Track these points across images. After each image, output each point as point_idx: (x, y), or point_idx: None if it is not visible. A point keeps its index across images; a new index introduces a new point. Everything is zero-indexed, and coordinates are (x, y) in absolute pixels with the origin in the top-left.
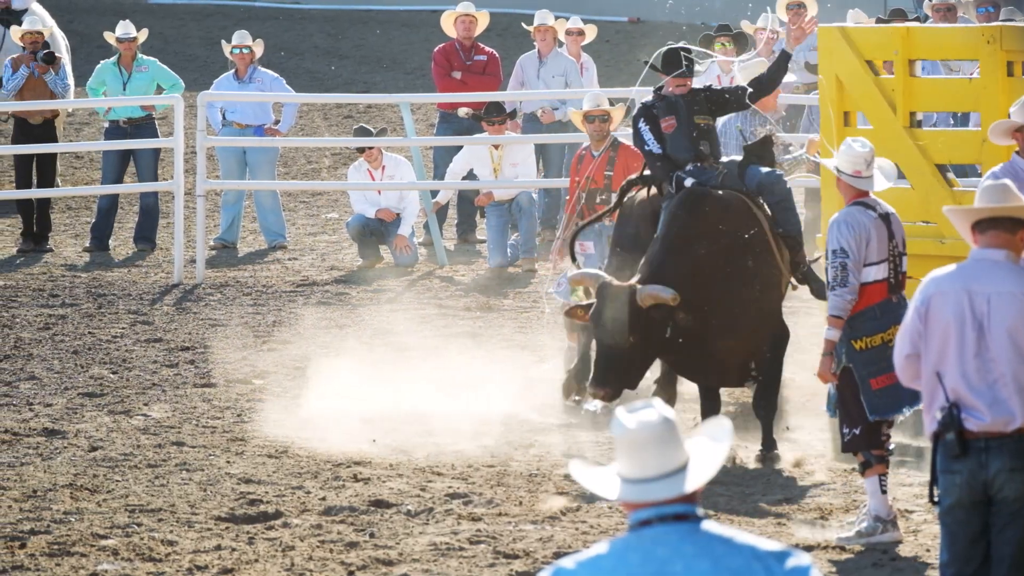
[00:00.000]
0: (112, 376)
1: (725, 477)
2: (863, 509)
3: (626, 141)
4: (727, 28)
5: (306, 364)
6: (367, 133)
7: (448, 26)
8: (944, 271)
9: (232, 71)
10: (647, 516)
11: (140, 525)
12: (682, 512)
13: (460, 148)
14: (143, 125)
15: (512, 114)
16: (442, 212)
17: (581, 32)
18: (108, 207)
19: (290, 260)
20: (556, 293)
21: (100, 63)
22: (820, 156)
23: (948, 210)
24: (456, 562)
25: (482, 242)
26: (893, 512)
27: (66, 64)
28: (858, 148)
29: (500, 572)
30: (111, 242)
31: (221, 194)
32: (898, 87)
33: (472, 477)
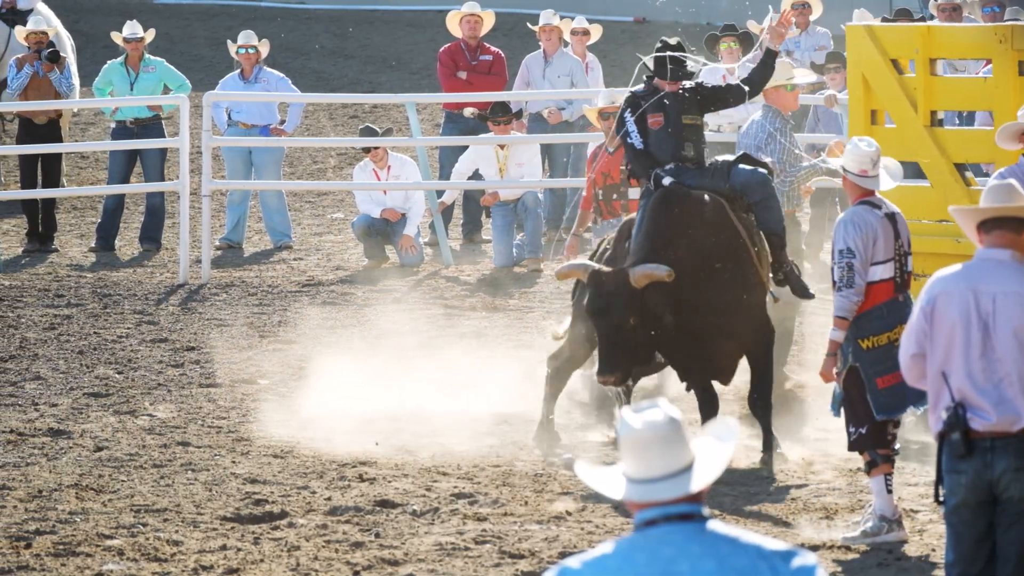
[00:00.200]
0: (117, 376)
1: (730, 477)
2: (868, 509)
3: None
4: (733, 28)
5: (311, 364)
6: (373, 133)
7: (454, 26)
8: (950, 271)
9: (238, 71)
10: (653, 516)
11: (145, 525)
12: (688, 512)
13: (466, 148)
14: (150, 126)
15: (518, 114)
16: (448, 212)
17: (586, 32)
18: (114, 207)
19: (295, 260)
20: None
21: (107, 63)
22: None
23: (953, 210)
24: (461, 562)
25: (488, 242)
26: (898, 512)
27: (71, 64)
28: (864, 147)
29: (505, 572)
30: (116, 242)
31: (227, 194)
32: (919, 86)
33: (478, 477)
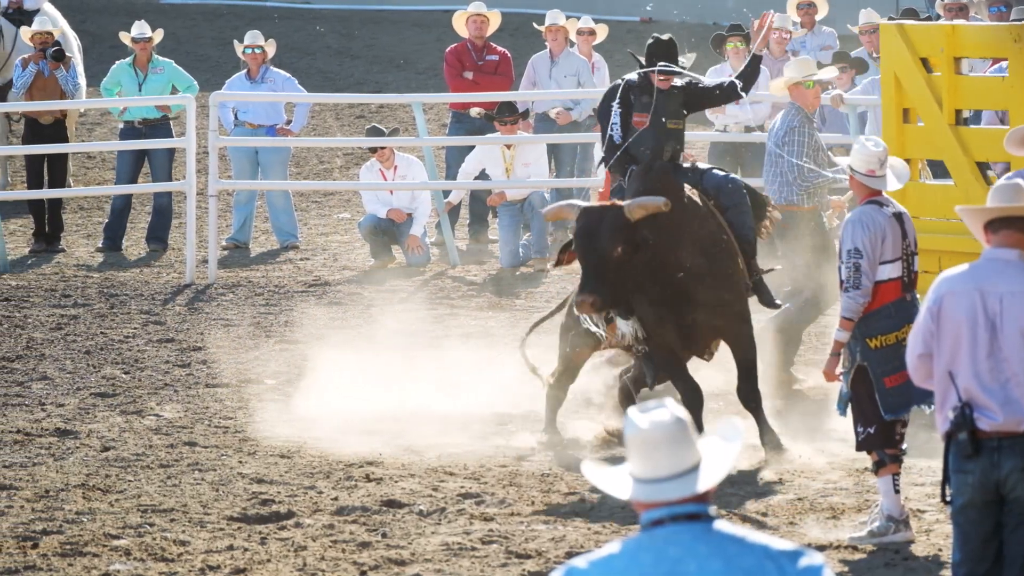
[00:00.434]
0: (124, 376)
1: (737, 476)
2: (875, 508)
3: None
4: (739, 28)
5: (318, 364)
6: (379, 133)
7: (460, 26)
8: (956, 271)
9: (244, 71)
10: (659, 516)
11: (152, 525)
12: (694, 512)
13: (472, 148)
14: (158, 126)
15: (524, 114)
16: (454, 212)
17: (592, 32)
18: (122, 207)
19: (302, 260)
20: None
21: (116, 63)
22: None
23: (960, 209)
24: (468, 562)
25: (494, 242)
26: (905, 512)
27: (77, 64)
28: (872, 147)
29: (512, 572)
30: (123, 242)
31: (233, 194)
32: (943, 85)
33: (484, 477)
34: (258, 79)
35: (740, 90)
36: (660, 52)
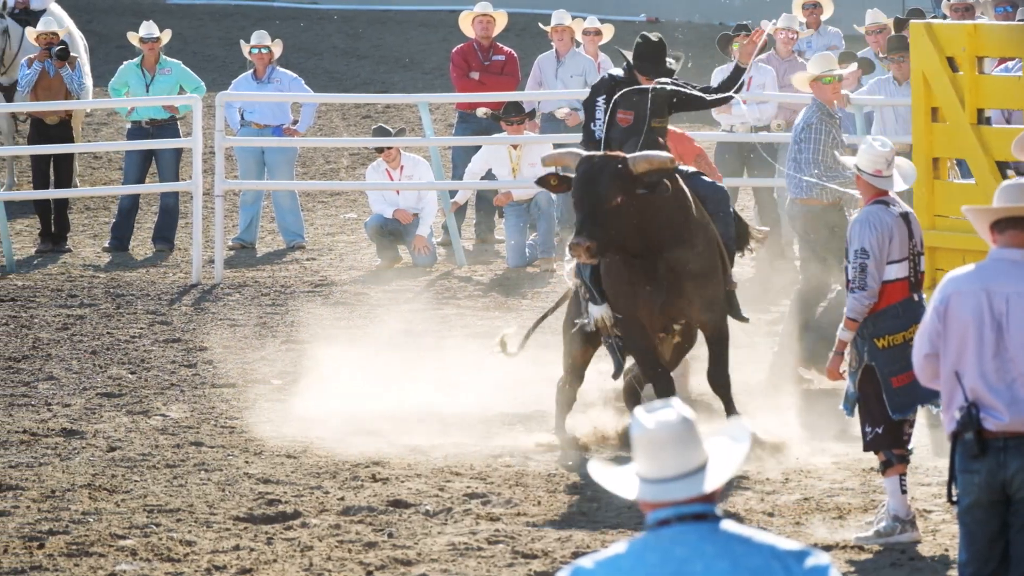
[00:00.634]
0: (130, 376)
1: (743, 476)
2: (882, 509)
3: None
4: (745, 28)
5: (324, 364)
6: (386, 133)
7: (466, 26)
8: (963, 271)
9: (251, 71)
10: (666, 516)
11: (159, 525)
12: (701, 512)
13: (479, 148)
14: (166, 127)
15: (531, 114)
16: (461, 212)
17: (599, 32)
18: (129, 208)
19: (308, 260)
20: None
21: (123, 64)
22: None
23: (966, 209)
24: (475, 562)
25: (501, 242)
26: (912, 512)
27: (83, 64)
28: (879, 147)
29: (519, 572)
30: (129, 242)
31: (239, 194)
32: (966, 84)
33: (490, 477)
34: (264, 79)
35: (717, 94)
36: (648, 52)
